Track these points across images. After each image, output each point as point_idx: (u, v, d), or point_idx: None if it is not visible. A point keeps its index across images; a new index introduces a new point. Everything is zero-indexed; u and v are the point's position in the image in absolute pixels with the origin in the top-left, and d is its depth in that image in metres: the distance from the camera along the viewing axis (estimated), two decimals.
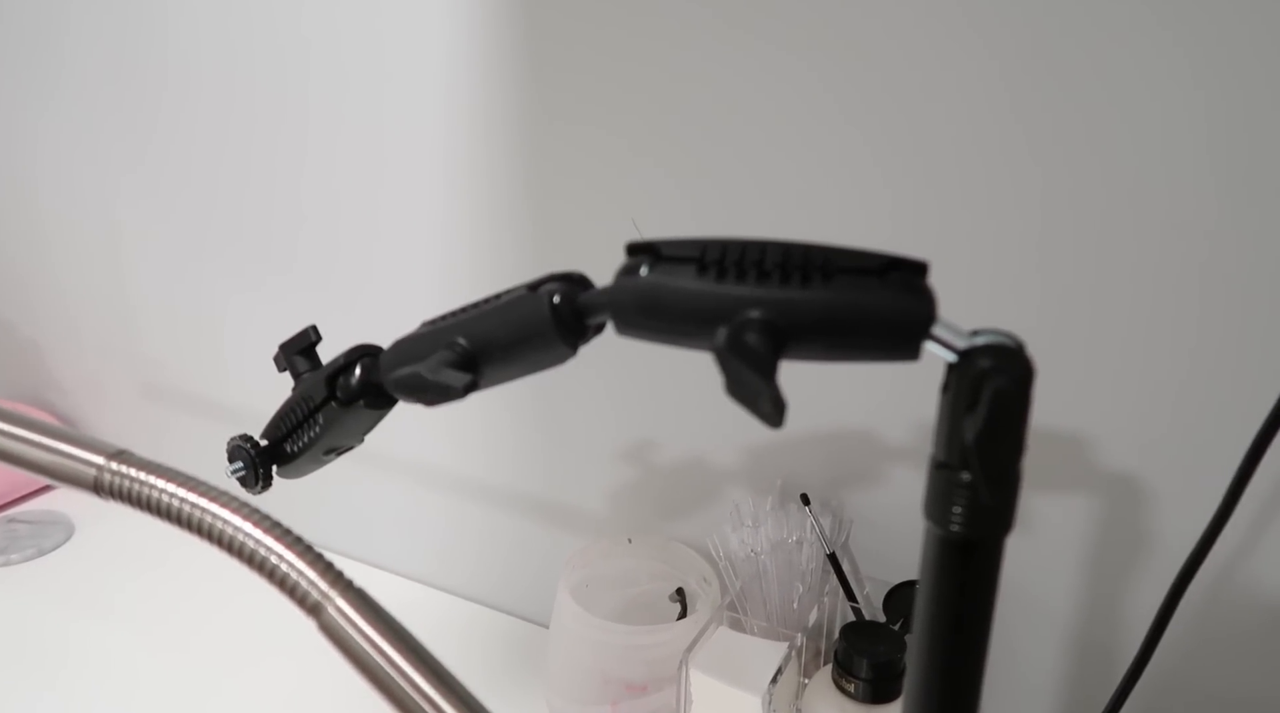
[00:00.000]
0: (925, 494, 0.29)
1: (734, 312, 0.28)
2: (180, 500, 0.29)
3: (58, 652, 0.76)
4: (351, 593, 0.28)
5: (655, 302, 0.29)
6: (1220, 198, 0.48)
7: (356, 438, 0.41)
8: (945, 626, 0.30)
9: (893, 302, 0.27)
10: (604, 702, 0.62)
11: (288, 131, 0.76)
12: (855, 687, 0.56)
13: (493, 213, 0.69)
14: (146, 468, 0.30)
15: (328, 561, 0.28)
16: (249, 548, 0.28)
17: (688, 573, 0.69)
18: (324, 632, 0.27)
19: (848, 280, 0.28)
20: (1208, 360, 0.51)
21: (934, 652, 0.31)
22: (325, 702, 0.72)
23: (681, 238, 0.29)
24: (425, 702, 0.27)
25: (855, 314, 0.27)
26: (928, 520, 0.29)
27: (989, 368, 0.26)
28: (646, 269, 0.29)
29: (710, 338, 0.28)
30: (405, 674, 0.27)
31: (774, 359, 0.27)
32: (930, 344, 0.28)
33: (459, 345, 0.33)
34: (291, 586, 0.28)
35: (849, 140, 0.56)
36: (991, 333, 0.28)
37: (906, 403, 0.60)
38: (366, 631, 0.27)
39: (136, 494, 0.29)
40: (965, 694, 0.32)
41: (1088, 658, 0.61)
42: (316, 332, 0.41)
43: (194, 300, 0.90)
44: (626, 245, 0.30)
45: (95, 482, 0.30)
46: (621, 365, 0.69)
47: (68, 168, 0.91)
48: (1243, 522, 0.53)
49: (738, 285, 0.28)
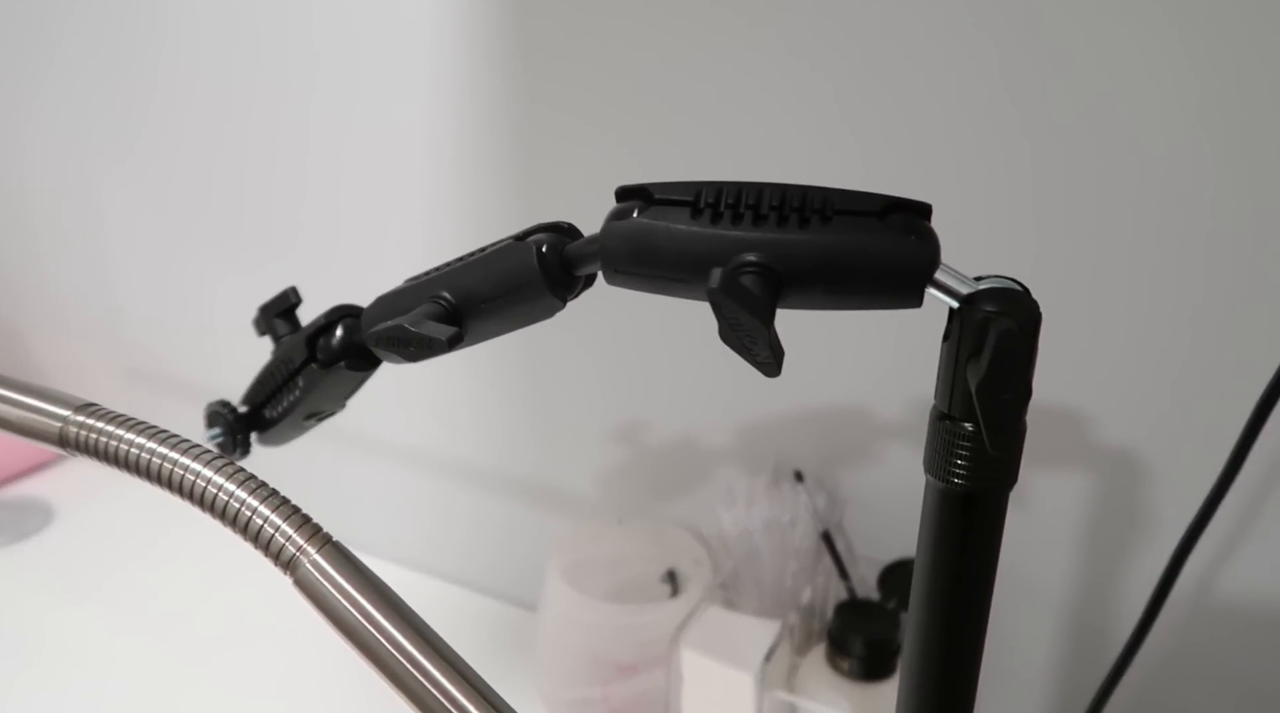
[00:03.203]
0: (926, 447, 0.28)
1: (729, 255, 0.27)
2: (149, 454, 0.27)
3: (35, 637, 0.75)
4: (329, 547, 0.27)
5: (647, 245, 0.27)
6: (1218, 170, 0.47)
7: (338, 402, 0.40)
8: (945, 583, 0.29)
9: (894, 244, 0.26)
10: (594, 683, 0.61)
11: (276, 114, 0.75)
12: (849, 665, 0.55)
13: (478, 193, 0.68)
14: (114, 420, 0.28)
15: (304, 514, 0.27)
16: (221, 501, 0.27)
17: (679, 555, 0.68)
18: (299, 588, 0.26)
19: (848, 222, 0.26)
20: (1207, 336, 0.50)
21: (933, 612, 0.30)
22: (311, 687, 0.70)
23: (674, 181, 0.28)
24: (405, 660, 0.26)
25: (855, 257, 0.26)
26: (928, 475, 0.28)
27: (994, 312, 0.25)
28: (638, 213, 0.28)
29: (704, 283, 0.27)
30: (385, 632, 0.26)
31: (771, 304, 0.26)
32: (933, 290, 0.27)
33: (443, 299, 0.32)
34: (266, 540, 0.26)
35: (845, 118, 0.55)
36: (996, 278, 0.27)
37: (902, 381, 0.59)
38: (344, 586, 0.26)
39: (103, 448, 0.28)
40: (966, 656, 0.31)
41: (1083, 638, 0.60)
42: (296, 293, 0.40)
43: (180, 285, 0.88)
44: (617, 190, 0.29)
45: (60, 435, 0.29)
46: (613, 344, 0.68)
47: (54, 151, 0.89)
48: (1240, 500, 0.52)
49: (733, 228, 0.27)
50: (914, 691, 0.32)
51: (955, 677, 0.31)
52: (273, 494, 0.27)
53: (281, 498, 0.27)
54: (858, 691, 0.55)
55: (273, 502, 0.27)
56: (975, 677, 0.32)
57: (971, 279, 0.27)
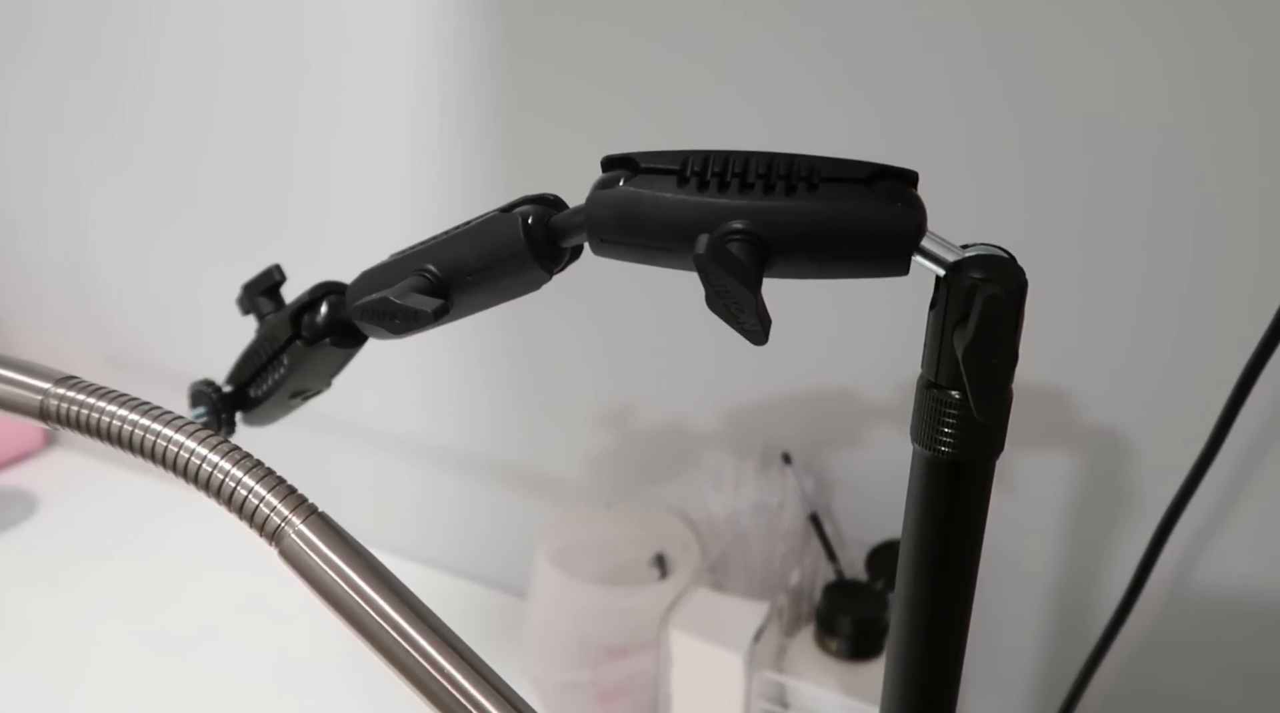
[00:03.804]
0: (913, 417, 0.28)
1: (716, 223, 0.27)
2: (131, 425, 0.27)
3: (18, 626, 0.74)
4: (315, 517, 0.26)
5: (633, 214, 0.27)
6: (1204, 150, 0.47)
7: (324, 380, 0.40)
8: (932, 552, 0.29)
9: (881, 211, 0.26)
10: (584, 667, 0.61)
11: (262, 99, 0.74)
12: (837, 645, 0.55)
13: (466, 177, 0.68)
14: (95, 393, 0.28)
15: (289, 485, 0.27)
16: (204, 472, 0.26)
17: (668, 538, 0.68)
18: (285, 558, 0.26)
19: (834, 189, 0.26)
20: (1193, 316, 0.51)
21: (920, 581, 0.30)
22: (298, 675, 0.70)
23: (660, 150, 0.28)
24: (392, 629, 0.26)
25: (842, 224, 0.26)
26: (915, 444, 0.28)
27: (980, 278, 0.25)
28: (624, 182, 0.28)
29: (690, 252, 0.27)
30: (372, 601, 0.26)
31: (758, 271, 0.26)
32: (919, 258, 0.27)
33: (428, 272, 0.32)
34: (250, 511, 0.26)
35: (831, 91, 0.55)
36: (982, 246, 0.27)
37: (890, 363, 0.59)
38: (330, 556, 0.26)
39: (84, 420, 0.28)
40: (952, 626, 0.31)
41: (1068, 619, 0.60)
42: (280, 271, 0.40)
43: (164, 274, 0.87)
44: (602, 159, 0.29)
45: (41, 408, 0.28)
46: (600, 329, 0.68)
47: (34, 139, 0.88)
48: (1222, 480, 0.52)
49: (720, 196, 0.27)
50: (901, 662, 0.32)
51: (942, 647, 0.31)
52: (257, 465, 0.27)
53: (266, 469, 0.27)
54: (846, 670, 0.55)
55: (257, 473, 0.26)
56: (962, 647, 0.32)
57: (958, 247, 0.27)
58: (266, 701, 0.67)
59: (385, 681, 0.73)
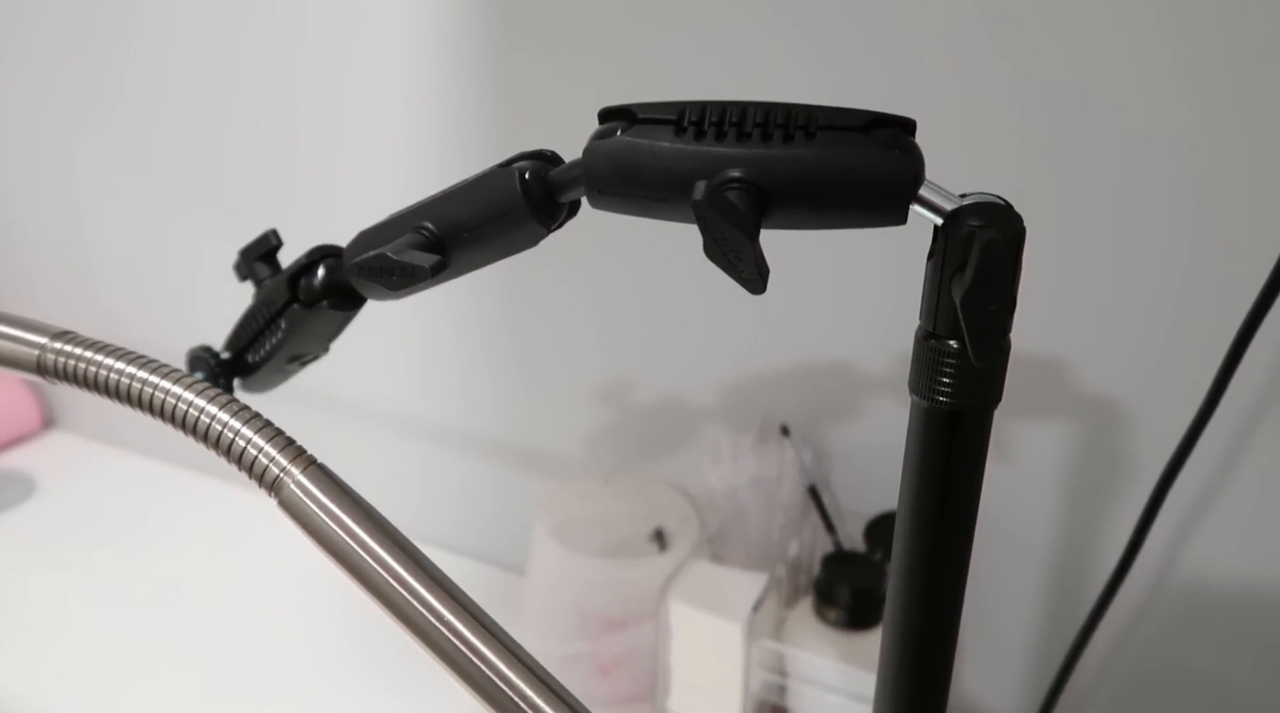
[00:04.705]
0: (911, 369, 0.29)
1: (713, 172, 0.26)
2: (129, 378, 0.27)
3: (14, 606, 0.74)
4: (314, 468, 0.26)
5: (630, 164, 0.27)
6: (1197, 116, 0.47)
7: (322, 345, 0.40)
8: (929, 506, 0.29)
9: (879, 158, 0.26)
10: (583, 639, 0.61)
11: (258, 73, 0.73)
12: (836, 615, 0.56)
13: (463, 152, 0.68)
14: (92, 346, 0.28)
15: (288, 436, 0.27)
16: (203, 424, 0.26)
17: (666, 513, 0.68)
18: (284, 509, 0.26)
19: (832, 137, 0.26)
20: (1190, 281, 0.51)
21: (917, 535, 0.30)
22: (303, 657, 0.70)
23: (657, 101, 0.28)
24: (392, 579, 0.26)
25: (840, 172, 0.26)
26: (913, 395, 0.28)
27: (978, 226, 0.25)
28: (621, 133, 0.28)
29: (688, 202, 0.26)
30: (371, 551, 0.26)
31: (756, 219, 0.26)
32: (917, 207, 0.27)
33: (426, 229, 0.31)
34: (249, 462, 0.26)
35: (824, 44, 0.54)
36: (980, 195, 0.27)
37: (888, 336, 0.59)
38: (330, 506, 0.26)
39: (82, 373, 0.28)
40: (950, 581, 0.31)
41: (1065, 591, 0.61)
42: (277, 236, 0.40)
43: (156, 250, 0.87)
44: (600, 111, 0.29)
45: (38, 362, 0.28)
46: (598, 305, 0.68)
47: (22, 112, 0.88)
48: (1218, 447, 0.53)
49: (717, 144, 0.27)
50: (899, 617, 0.32)
51: (939, 601, 0.32)
52: (255, 416, 0.27)
53: (264, 420, 0.27)
54: (844, 639, 0.55)
55: (255, 424, 0.26)
56: (959, 601, 0.32)
57: (956, 196, 0.27)
58: (263, 682, 0.68)
59: (385, 662, 0.72)
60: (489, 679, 0.25)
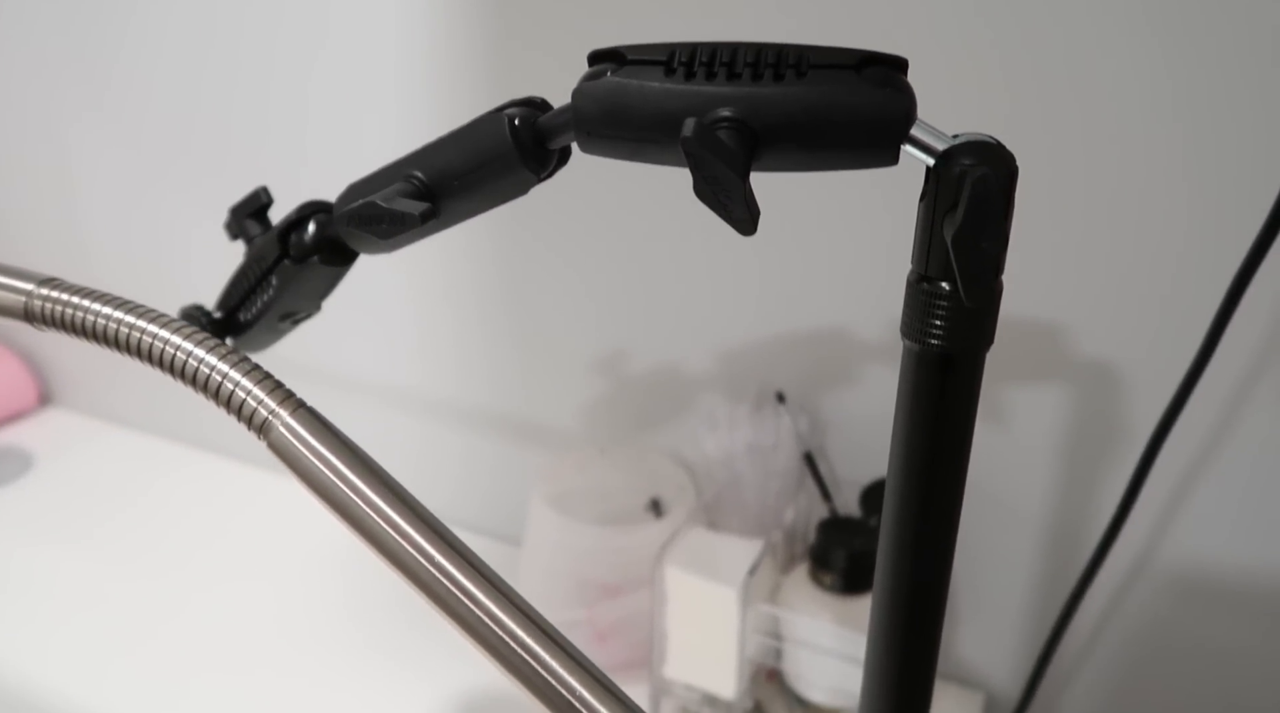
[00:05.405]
0: (903, 314, 0.28)
1: (703, 111, 0.26)
2: (116, 323, 0.27)
3: (10, 581, 0.75)
4: (303, 411, 0.26)
5: (619, 105, 0.27)
6: (1189, 72, 0.47)
7: (314, 302, 0.40)
8: (921, 452, 0.29)
9: (871, 97, 0.26)
10: (580, 606, 0.61)
11: (259, 51, 0.73)
12: (831, 580, 0.56)
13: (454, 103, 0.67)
14: (79, 292, 0.28)
15: (276, 379, 0.27)
16: (191, 367, 0.26)
17: (662, 482, 0.68)
18: (273, 450, 0.26)
19: (823, 76, 0.26)
20: (1183, 244, 0.50)
21: (909, 482, 0.30)
22: (302, 625, 0.70)
23: (647, 43, 0.28)
24: (381, 520, 0.26)
25: (831, 111, 0.26)
26: (905, 340, 0.28)
27: (970, 164, 0.25)
28: (610, 74, 0.27)
29: (678, 142, 0.26)
30: (360, 492, 0.26)
31: (747, 158, 0.26)
32: (909, 147, 0.27)
33: (415, 177, 0.31)
34: (238, 404, 0.26)
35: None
36: (972, 134, 0.27)
37: (883, 303, 0.59)
38: (318, 448, 0.26)
39: (69, 319, 0.27)
40: (941, 531, 0.31)
41: (1059, 556, 0.61)
42: (267, 193, 0.39)
43: (150, 230, 0.86)
44: (589, 54, 0.29)
45: (25, 309, 0.28)
46: (593, 275, 0.68)
47: (15, 89, 0.87)
48: (1213, 403, 0.53)
49: (707, 84, 0.26)
50: (891, 571, 0.32)
51: (932, 552, 0.32)
52: (244, 360, 0.26)
53: (252, 364, 0.26)
54: (839, 603, 0.55)
55: (243, 367, 0.26)
56: (951, 551, 0.32)
57: (948, 136, 0.27)
58: (261, 654, 0.68)
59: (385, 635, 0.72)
60: (479, 620, 0.25)
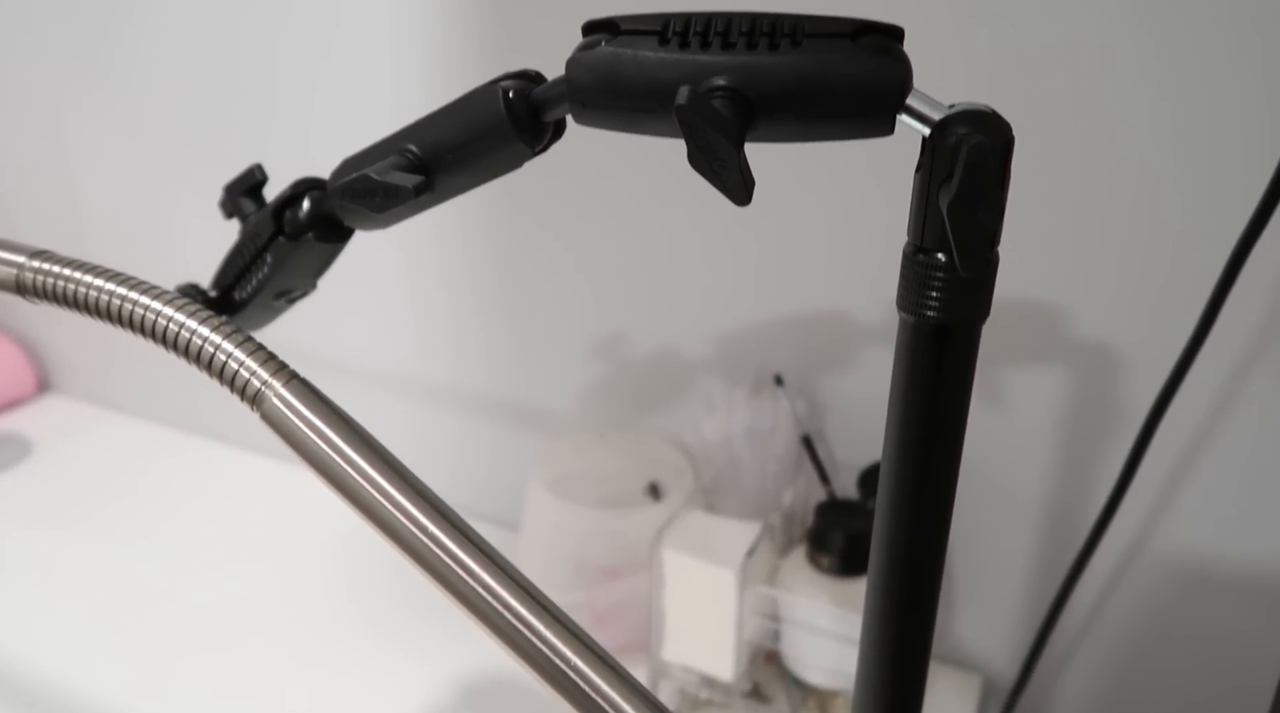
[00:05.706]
0: (899, 287, 0.28)
1: (698, 80, 0.26)
2: (108, 294, 0.27)
3: (9, 566, 0.75)
4: (295, 381, 0.26)
5: (613, 75, 0.27)
6: (1167, 53, 0.47)
7: (309, 280, 0.40)
8: (917, 425, 0.29)
9: (866, 65, 0.26)
10: (578, 589, 0.61)
11: (262, 41, 0.73)
12: (829, 562, 0.56)
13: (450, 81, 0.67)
14: (71, 264, 0.28)
15: (268, 351, 0.26)
16: (183, 338, 0.26)
17: (661, 466, 0.68)
18: (266, 421, 0.26)
19: (818, 44, 0.26)
20: (1181, 222, 0.50)
21: (905, 457, 0.30)
22: (301, 609, 0.71)
23: (641, 13, 0.28)
24: (374, 490, 0.26)
25: (826, 80, 0.26)
26: (901, 312, 0.28)
27: (966, 133, 0.25)
28: (604, 44, 0.27)
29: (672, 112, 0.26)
30: (353, 462, 0.26)
31: (741, 127, 0.25)
32: (905, 117, 0.27)
33: (410, 151, 0.31)
34: (230, 375, 0.26)
35: None
36: (968, 104, 0.27)
37: (881, 288, 0.59)
38: (311, 419, 0.26)
39: (62, 291, 0.27)
40: (937, 506, 0.31)
41: (1056, 539, 0.61)
42: (262, 170, 0.39)
43: (150, 216, 0.86)
44: (583, 24, 0.28)
45: (17, 281, 0.28)
46: (591, 259, 0.68)
47: (14, 76, 0.87)
48: (1210, 384, 0.52)
49: (702, 53, 0.26)
50: (887, 548, 0.32)
51: (927, 527, 0.32)
52: (236, 331, 0.26)
53: (245, 335, 0.26)
54: (837, 585, 0.55)
55: (236, 338, 0.26)
56: (947, 526, 0.32)
57: (944, 105, 0.26)
58: (260, 637, 0.68)
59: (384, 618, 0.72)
60: (473, 590, 0.25)
